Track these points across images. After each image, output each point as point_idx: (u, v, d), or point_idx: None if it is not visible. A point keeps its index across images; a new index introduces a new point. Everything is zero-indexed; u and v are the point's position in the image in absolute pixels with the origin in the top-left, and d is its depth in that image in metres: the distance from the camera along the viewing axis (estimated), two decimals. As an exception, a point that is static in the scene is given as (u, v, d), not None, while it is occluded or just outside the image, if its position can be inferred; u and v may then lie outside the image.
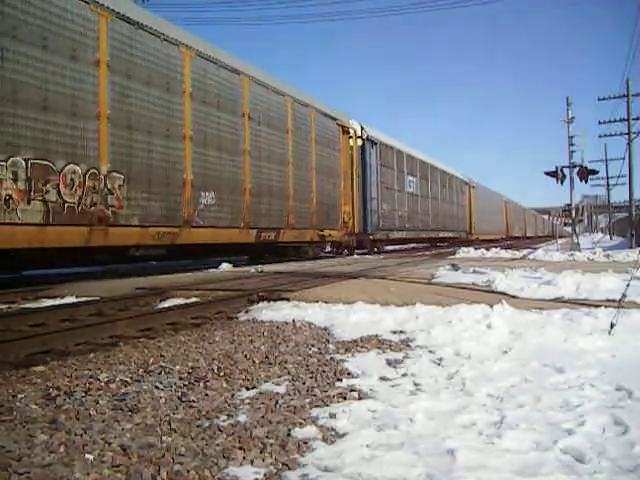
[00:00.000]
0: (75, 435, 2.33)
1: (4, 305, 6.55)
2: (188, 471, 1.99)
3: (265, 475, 1.98)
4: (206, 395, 2.92)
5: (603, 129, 29.96)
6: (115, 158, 8.63)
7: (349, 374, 3.30)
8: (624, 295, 4.63)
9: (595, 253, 14.78)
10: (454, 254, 17.19)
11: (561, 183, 18.77)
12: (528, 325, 4.49)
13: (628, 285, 4.79)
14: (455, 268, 9.81)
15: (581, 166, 18.60)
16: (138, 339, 4.53)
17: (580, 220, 24.63)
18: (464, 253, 17.07)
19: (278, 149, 13.30)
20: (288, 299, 6.21)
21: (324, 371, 3.37)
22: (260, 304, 6.08)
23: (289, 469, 2.02)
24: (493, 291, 6.63)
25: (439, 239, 26.95)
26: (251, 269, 11.09)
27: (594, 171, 20.50)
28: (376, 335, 4.45)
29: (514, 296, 6.11)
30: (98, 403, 2.78)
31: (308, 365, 3.53)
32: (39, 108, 7.46)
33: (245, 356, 3.80)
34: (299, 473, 1.99)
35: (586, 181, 18.71)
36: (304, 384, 3.10)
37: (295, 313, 5.41)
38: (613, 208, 52.06)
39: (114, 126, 8.64)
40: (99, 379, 3.21)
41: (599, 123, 28.44)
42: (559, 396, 2.79)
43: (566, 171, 19.01)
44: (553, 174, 18.76)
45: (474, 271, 8.95)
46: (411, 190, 22.27)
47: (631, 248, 19.38)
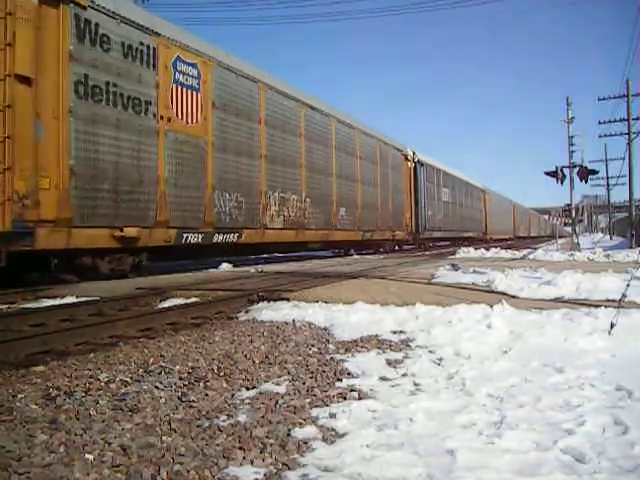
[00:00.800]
0: (75, 435, 2.33)
1: (4, 305, 6.55)
2: (188, 471, 1.99)
3: (265, 475, 1.98)
4: (206, 395, 2.92)
5: (603, 129, 29.99)
6: (307, 188, 14.92)
7: (349, 374, 3.30)
8: (624, 295, 4.63)
9: (595, 253, 14.78)
10: (454, 254, 17.19)
11: (561, 183, 18.77)
12: (528, 325, 4.49)
13: (628, 285, 4.79)
14: (455, 268, 9.81)
15: (581, 166, 18.60)
16: (138, 339, 4.53)
17: (580, 220, 24.64)
18: (464, 253, 17.07)
19: (368, 175, 19.27)
20: (288, 299, 6.21)
21: (324, 371, 3.37)
22: (260, 304, 6.07)
23: (289, 469, 2.02)
24: (493, 291, 6.63)
25: (463, 238, 32.01)
26: (251, 269, 11.09)
27: (594, 171, 20.50)
28: (376, 335, 4.45)
29: (514, 296, 6.11)
30: (98, 403, 2.78)
31: (308, 365, 3.53)
32: (280, 164, 13.69)
33: (245, 356, 3.80)
34: (299, 473, 1.99)
35: (586, 181, 18.71)
36: (304, 384, 3.10)
37: (295, 313, 5.41)
38: (613, 208, 52.05)
39: (306, 169, 15.20)
40: (99, 379, 3.21)
41: (599, 123, 28.46)
42: (559, 396, 2.79)
43: (566, 171, 19.01)
44: (553, 174, 18.76)
45: (474, 271, 8.95)
46: (445, 199, 28.00)
47: (631, 248, 19.39)
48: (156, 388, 3.03)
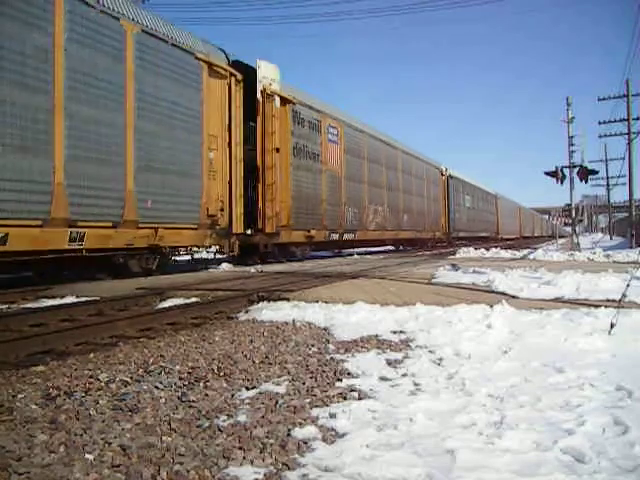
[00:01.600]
0: (75, 435, 2.33)
1: (4, 305, 6.56)
2: (188, 471, 1.99)
3: (265, 475, 1.98)
4: (206, 395, 2.92)
5: (603, 129, 29.96)
6: (387, 201, 21.12)
7: (349, 374, 3.30)
8: (624, 295, 4.63)
9: (595, 253, 14.77)
10: (454, 254, 17.18)
11: (561, 183, 18.76)
12: (528, 325, 4.49)
13: (628, 285, 4.79)
14: (455, 268, 9.82)
15: (581, 166, 18.58)
16: (138, 339, 4.53)
17: (580, 220, 24.63)
18: (464, 253, 17.07)
19: (419, 189, 25.60)
20: (288, 299, 6.21)
21: (324, 371, 3.37)
22: (260, 304, 6.08)
23: (289, 469, 2.02)
24: (493, 291, 6.63)
25: (481, 237, 37.60)
26: (251, 269, 11.09)
27: (594, 171, 20.47)
28: (376, 335, 4.45)
29: (514, 296, 6.11)
30: (98, 403, 2.78)
31: (308, 365, 3.53)
32: (374, 186, 19.88)
33: (245, 356, 3.80)
34: (299, 473, 1.99)
35: (586, 181, 18.69)
36: (304, 384, 3.10)
37: (295, 313, 5.41)
38: (613, 208, 52.02)
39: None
40: (99, 379, 3.21)
41: (599, 123, 28.41)
42: (559, 396, 2.79)
43: (566, 171, 18.99)
44: (553, 174, 18.75)
45: (474, 271, 8.95)
46: (467, 205, 33.99)
47: (631, 248, 19.38)
48: (156, 388, 3.03)
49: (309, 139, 15.26)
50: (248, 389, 3.04)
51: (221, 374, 3.35)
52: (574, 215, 20.77)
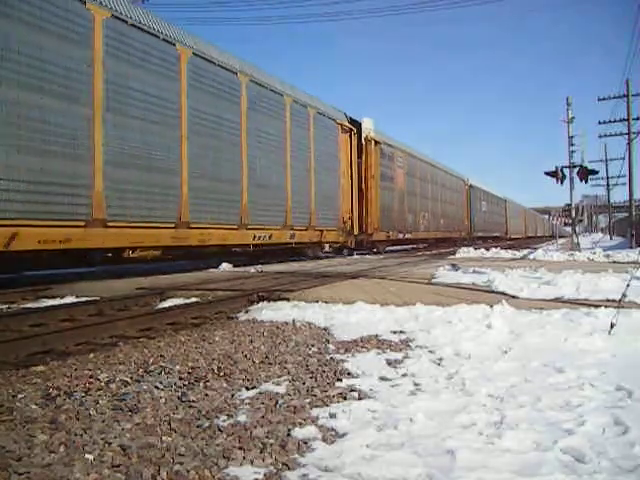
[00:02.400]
0: (75, 435, 2.33)
1: (4, 305, 6.56)
2: (188, 471, 1.99)
3: (265, 475, 1.98)
4: (206, 395, 2.92)
5: (603, 129, 30.04)
6: (430, 209, 26.61)
7: (349, 374, 3.30)
8: (624, 295, 4.63)
9: (595, 253, 14.77)
10: (454, 254, 17.18)
11: (561, 183, 18.76)
12: (528, 325, 4.49)
13: (628, 285, 4.79)
14: (455, 268, 9.82)
15: (581, 166, 18.58)
16: (138, 339, 4.53)
17: (580, 220, 24.63)
18: (464, 253, 17.07)
19: (451, 198, 30.92)
20: (288, 299, 6.21)
21: (324, 371, 3.37)
22: (260, 304, 6.08)
23: (289, 469, 2.02)
24: (493, 291, 6.63)
25: (492, 237, 42.50)
26: (251, 269, 11.09)
27: (594, 171, 20.46)
28: (376, 335, 4.45)
29: (514, 296, 6.11)
30: (98, 403, 2.78)
31: (308, 365, 3.53)
32: (424, 198, 25.74)
33: (245, 356, 3.80)
34: (299, 473, 1.99)
35: (586, 181, 18.68)
36: (304, 384, 3.10)
37: (295, 313, 5.41)
38: (613, 208, 52.02)
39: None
40: (99, 379, 3.21)
41: (599, 123, 28.44)
42: (559, 396, 2.79)
43: (566, 171, 18.99)
44: (553, 174, 18.75)
45: (474, 271, 8.95)
46: (483, 209, 39.28)
47: (631, 248, 19.38)
48: (156, 388, 3.03)
49: (388, 167, 20.92)
50: (248, 389, 3.04)
51: (221, 374, 3.35)
52: (574, 215, 20.77)
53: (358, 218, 17.99)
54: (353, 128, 17.81)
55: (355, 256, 17.83)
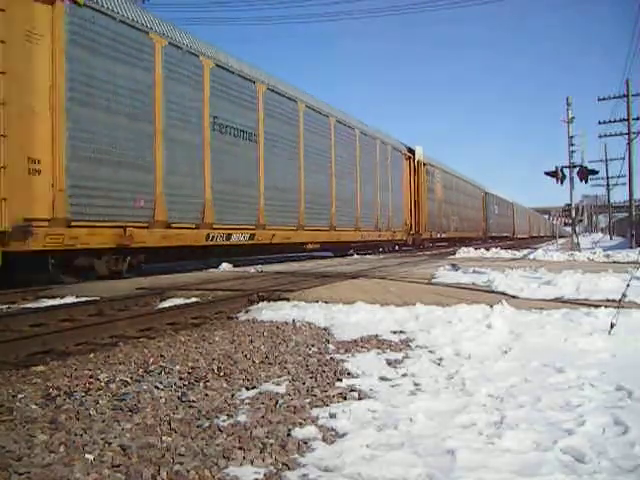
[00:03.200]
0: (75, 435, 2.33)
1: (4, 305, 6.56)
2: (188, 471, 1.99)
3: (265, 475, 1.98)
4: (206, 395, 2.92)
5: (603, 129, 30.02)
6: (458, 214, 32.47)
7: (349, 374, 3.30)
8: (624, 295, 4.63)
9: (595, 253, 14.77)
10: (454, 254, 17.18)
11: (561, 183, 18.76)
12: (528, 325, 4.49)
13: (628, 285, 4.79)
14: (455, 268, 9.82)
15: (581, 166, 18.58)
16: (138, 339, 4.53)
17: (580, 220, 24.63)
18: (464, 253, 17.07)
19: (471, 204, 36.27)
20: (288, 299, 6.21)
21: (324, 371, 3.37)
22: (260, 304, 6.07)
23: (289, 469, 2.02)
24: (493, 291, 6.63)
25: (502, 237, 47.22)
26: (251, 269, 11.09)
27: (594, 171, 20.46)
28: (376, 335, 4.45)
29: (514, 296, 6.11)
30: (98, 403, 2.78)
31: (308, 365, 3.53)
32: (455, 205, 31.79)
33: (245, 356, 3.80)
34: (299, 473, 1.99)
35: (586, 181, 18.68)
36: (304, 384, 3.10)
37: (295, 313, 5.41)
38: (613, 208, 52.02)
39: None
40: (99, 379, 3.21)
41: (599, 123, 28.45)
42: (559, 396, 2.79)
43: (566, 171, 18.99)
44: (553, 174, 18.75)
45: (474, 271, 8.95)
46: (496, 212, 44.97)
47: (631, 248, 19.38)
48: (156, 388, 3.03)
49: (431, 182, 26.59)
50: (248, 389, 3.04)
51: (221, 374, 3.35)
52: (574, 215, 20.77)
53: (413, 222, 24.67)
54: (411, 155, 24.55)
55: (355, 256, 17.84)
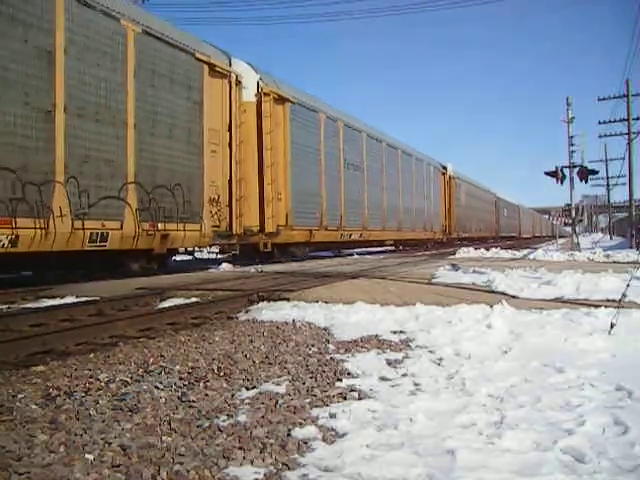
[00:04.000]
0: (75, 435, 2.33)
1: (4, 305, 6.56)
2: (188, 471, 1.99)
3: (265, 475, 1.98)
4: (206, 395, 2.92)
5: (603, 129, 29.99)
6: (477, 218, 38.93)
7: (349, 374, 3.30)
8: (624, 295, 4.63)
9: (595, 253, 14.77)
10: (454, 254, 17.18)
11: (561, 183, 18.75)
12: (528, 325, 4.49)
13: (628, 285, 4.79)
14: (455, 268, 9.82)
15: (581, 166, 18.57)
16: (138, 339, 4.53)
17: (580, 220, 24.63)
18: (464, 253, 17.06)
19: (487, 208, 42.45)
20: (288, 299, 6.21)
21: (324, 371, 3.37)
22: (260, 304, 6.07)
23: (289, 469, 2.02)
24: (493, 291, 6.63)
25: (510, 237, 51.30)
26: (251, 269, 11.09)
27: (594, 171, 20.45)
28: (376, 335, 4.45)
29: (514, 296, 6.11)
30: (98, 403, 2.78)
31: (308, 365, 3.53)
32: (474, 210, 37.51)
33: (245, 356, 3.80)
34: (299, 473, 1.99)
35: (586, 181, 18.68)
36: (304, 384, 3.10)
37: (295, 313, 5.41)
38: (613, 208, 52.00)
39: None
40: (99, 379, 3.21)
41: (599, 123, 28.41)
42: (559, 396, 2.79)
43: (566, 171, 18.98)
44: (553, 174, 18.74)
45: (474, 271, 8.95)
46: (505, 215, 49.57)
47: (631, 248, 19.37)
48: (156, 388, 3.03)
49: (458, 192, 32.33)
50: (248, 389, 3.04)
51: (221, 374, 3.35)
52: (574, 215, 20.77)
53: (446, 224, 30.52)
54: (445, 171, 30.94)
55: (355, 256, 17.85)
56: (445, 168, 31.36)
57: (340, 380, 3.16)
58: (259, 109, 13.14)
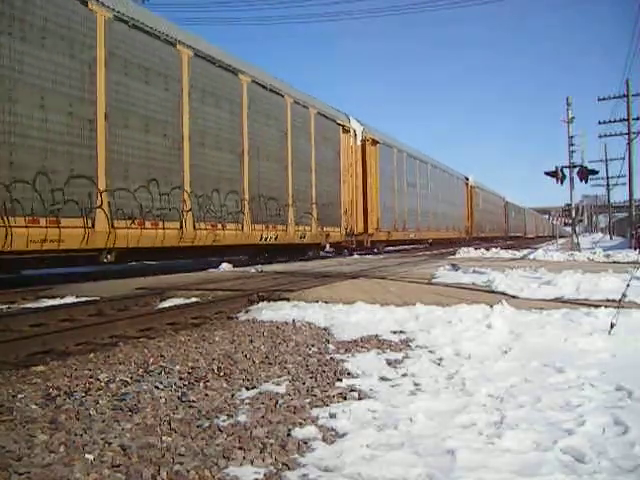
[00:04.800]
0: (75, 435, 2.33)
1: (4, 305, 6.56)
2: (188, 471, 1.99)
3: (265, 475, 1.98)
4: (206, 395, 2.92)
5: (603, 129, 30.02)
6: (487, 220, 43.45)
7: (349, 374, 3.30)
8: (624, 295, 4.63)
9: (595, 253, 14.77)
10: (454, 254, 17.18)
11: (561, 183, 18.74)
12: (528, 325, 4.49)
13: (628, 285, 4.79)
14: (455, 268, 9.82)
15: (581, 166, 18.57)
16: (138, 339, 4.53)
17: (580, 220, 24.64)
18: (464, 253, 17.07)
19: (496, 211, 47.18)
20: (288, 299, 6.21)
21: (324, 371, 3.37)
22: (260, 304, 6.08)
23: (289, 469, 2.02)
24: (493, 291, 6.63)
25: (517, 237, 55.30)
26: (251, 269, 11.09)
27: (594, 171, 20.44)
28: (376, 335, 4.45)
29: (514, 296, 6.11)
30: (98, 403, 2.78)
31: (308, 365, 3.53)
32: (489, 213, 44.00)
33: (245, 356, 3.80)
34: (299, 473, 1.99)
35: (586, 181, 18.67)
36: (304, 384, 3.10)
37: (295, 313, 5.41)
38: (613, 208, 52.01)
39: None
40: (99, 379, 3.21)
41: (599, 123, 28.44)
42: (559, 396, 2.79)
43: (566, 171, 18.98)
44: (553, 174, 18.74)
45: (474, 271, 8.95)
46: (512, 217, 53.59)
47: (631, 248, 19.37)
48: (156, 388, 3.03)
49: (478, 198, 37.45)
50: (248, 389, 3.04)
51: (221, 374, 3.35)
52: (574, 215, 20.77)
53: (469, 226, 34.96)
54: (467, 181, 36.13)
55: (355, 256, 17.86)
56: (467, 179, 37.62)
57: (340, 380, 3.16)
58: (363, 150, 19.68)
